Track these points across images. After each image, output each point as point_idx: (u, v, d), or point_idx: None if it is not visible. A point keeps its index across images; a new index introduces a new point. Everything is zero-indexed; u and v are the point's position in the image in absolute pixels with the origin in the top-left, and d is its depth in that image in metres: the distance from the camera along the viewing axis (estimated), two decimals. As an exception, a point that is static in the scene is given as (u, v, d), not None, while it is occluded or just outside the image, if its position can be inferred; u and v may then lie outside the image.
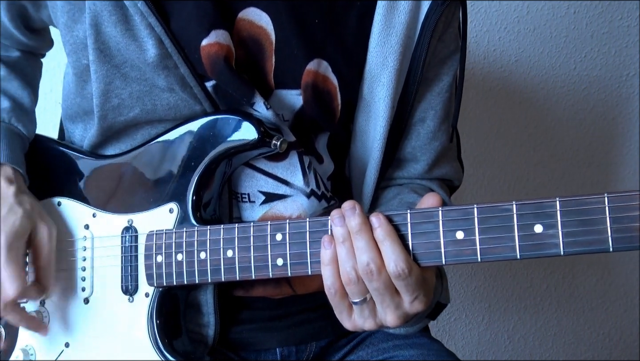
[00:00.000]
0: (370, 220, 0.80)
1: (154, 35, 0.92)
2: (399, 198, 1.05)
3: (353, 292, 0.81)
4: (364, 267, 0.78)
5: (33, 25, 1.08)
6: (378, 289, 0.79)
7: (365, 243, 0.79)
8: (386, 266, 0.78)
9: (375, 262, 0.78)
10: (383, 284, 0.78)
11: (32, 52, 1.13)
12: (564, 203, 0.73)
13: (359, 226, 0.79)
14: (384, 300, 0.80)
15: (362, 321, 0.83)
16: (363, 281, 0.79)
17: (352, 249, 0.80)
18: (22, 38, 1.08)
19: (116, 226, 0.98)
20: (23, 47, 1.11)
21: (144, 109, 0.96)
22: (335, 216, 0.81)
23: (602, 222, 0.72)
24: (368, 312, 0.82)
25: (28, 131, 1.05)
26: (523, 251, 0.75)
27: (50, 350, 1.01)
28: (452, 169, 1.11)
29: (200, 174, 0.94)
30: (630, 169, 2.02)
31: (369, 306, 0.81)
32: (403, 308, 0.80)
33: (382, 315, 0.81)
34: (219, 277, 0.90)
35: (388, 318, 0.81)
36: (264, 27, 0.96)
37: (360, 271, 0.79)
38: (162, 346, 0.94)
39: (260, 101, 0.94)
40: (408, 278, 0.78)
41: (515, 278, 2.04)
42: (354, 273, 0.79)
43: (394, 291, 0.79)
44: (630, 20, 1.92)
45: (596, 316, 2.10)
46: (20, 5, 1.02)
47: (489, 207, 0.77)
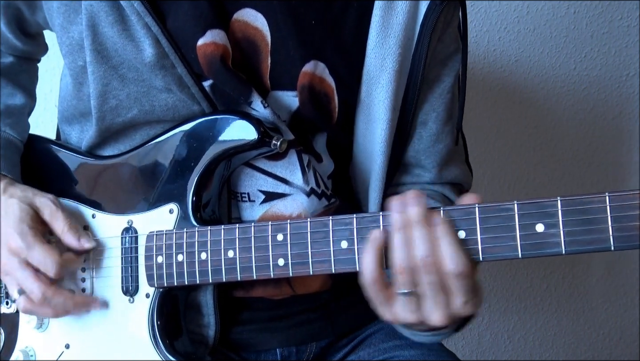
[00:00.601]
0: (431, 216, 0.78)
1: (151, 35, 0.91)
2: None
3: (404, 282, 0.79)
4: (423, 258, 0.77)
5: (29, 30, 1.08)
6: (434, 283, 0.77)
7: (426, 234, 0.77)
8: (446, 264, 0.77)
9: (435, 255, 0.77)
10: (440, 279, 0.77)
11: (27, 58, 1.13)
12: (565, 202, 0.74)
13: (422, 216, 0.78)
14: (438, 295, 0.78)
15: (405, 314, 0.80)
16: (416, 272, 0.78)
17: (410, 238, 0.78)
18: (17, 43, 1.08)
19: (116, 227, 0.98)
20: (18, 52, 1.10)
21: (142, 110, 0.96)
22: (395, 202, 0.79)
23: (604, 221, 0.72)
24: (414, 305, 0.79)
25: (19, 134, 1.05)
26: (524, 250, 0.75)
27: (50, 351, 1.00)
28: (461, 173, 1.10)
29: (200, 175, 0.94)
30: (630, 169, 2.02)
31: (416, 298, 0.79)
32: (454, 308, 0.79)
33: (429, 310, 0.79)
34: (220, 277, 0.90)
35: (435, 315, 0.79)
36: (259, 28, 0.96)
37: (419, 261, 0.77)
38: (164, 346, 0.94)
39: (258, 100, 0.94)
40: (468, 278, 0.77)
41: (515, 278, 2.03)
42: (408, 262, 0.78)
43: (448, 289, 0.78)
44: (630, 20, 1.92)
45: (596, 316, 2.09)
46: (16, 7, 1.02)
47: (490, 206, 0.77)
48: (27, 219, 0.94)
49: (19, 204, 0.95)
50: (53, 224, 0.96)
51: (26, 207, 0.95)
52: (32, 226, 0.94)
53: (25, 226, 0.93)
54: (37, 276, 0.93)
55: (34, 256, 0.93)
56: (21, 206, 0.95)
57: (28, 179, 1.03)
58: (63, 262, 0.93)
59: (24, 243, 0.93)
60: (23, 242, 0.93)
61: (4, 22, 1.04)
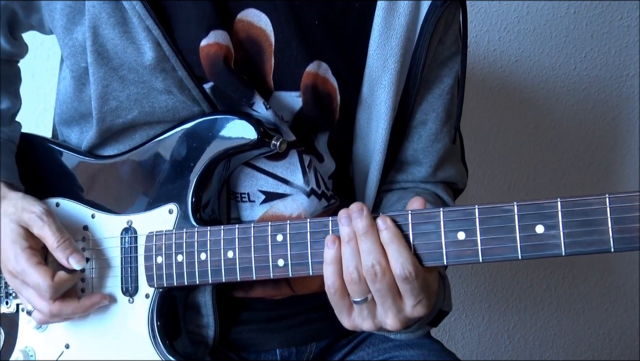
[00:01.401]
0: (377, 222, 0.80)
1: (152, 38, 0.91)
2: (403, 203, 1.04)
3: (355, 291, 0.81)
4: (368, 268, 0.79)
5: (18, 32, 1.07)
6: (380, 290, 0.79)
7: (371, 245, 0.79)
8: (392, 269, 0.78)
9: (380, 264, 0.78)
10: (386, 285, 0.79)
11: (9, 60, 1.11)
12: (565, 203, 0.74)
13: (366, 228, 0.79)
14: (386, 302, 0.80)
15: (361, 321, 0.83)
16: (365, 281, 0.80)
17: (357, 250, 0.80)
18: (5, 46, 1.06)
19: (115, 227, 0.98)
20: (3, 55, 1.08)
21: (142, 111, 0.95)
22: (342, 215, 0.81)
23: (604, 223, 0.72)
24: (367, 312, 0.82)
25: (8, 135, 1.05)
26: (524, 251, 0.75)
27: (50, 351, 1.00)
28: (456, 172, 1.10)
29: (199, 175, 0.94)
30: (630, 169, 2.02)
31: (369, 306, 0.81)
32: (404, 312, 0.81)
33: (382, 317, 0.81)
34: (219, 278, 0.90)
35: (388, 321, 0.81)
36: (263, 29, 0.96)
37: (364, 271, 0.79)
38: (163, 346, 0.94)
39: (260, 101, 0.94)
40: (414, 281, 0.78)
41: (515, 278, 2.03)
42: (356, 273, 0.80)
43: (397, 294, 0.80)
44: (630, 20, 1.92)
45: (596, 316, 2.09)
46: (12, 10, 1.01)
47: (490, 208, 0.77)
48: (19, 240, 0.93)
49: (9, 225, 0.94)
50: (44, 240, 0.95)
51: (16, 227, 0.94)
52: (24, 246, 0.93)
53: (17, 248, 0.93)
54: (40, 295, 0.93)
55: (28, 281, 0.93)
56: (11, 226, 0.94)
57: (28, 179, 1.02)
58: (56, 284, 0.92)
59: (18, 267, 0.92)
60: (17, 266, 0.92)
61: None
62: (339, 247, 0.81)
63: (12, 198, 0.97)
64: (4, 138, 1.04)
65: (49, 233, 0.93)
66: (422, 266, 0.79)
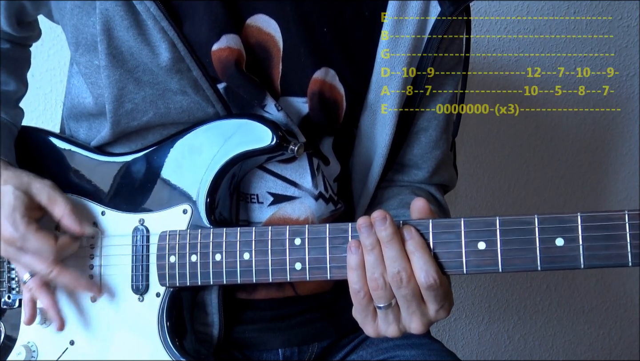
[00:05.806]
0: (402, 232, 0.81)
1: (167, 39, 0.91)
2: (400, 198, 1.05)
3: (380, 297, 0.82)
4: (394, 275, 0.80)
5: (27, 20, 1.07)
6: (406, 296, 0.80)
7: (396, 253, 0.80)
8: (417, 277, 0.80)
9: (406, 271, 0.80)
10: (411, 292, 0.80)
11: (21, 44, 1.12)
12: (585, 218, 0.75)
13: (390, 237, 0.80)
14: (410, 306, 0.81)
15: (385, 326, 0.83)
16: (390, 288, 0.81)
17: (381, 257, 0.81)
18: (12, 32, 1.06)
19: (126, 225, 0.97)
20: (12, 38, 1.09)
21: (157, 113, 0.95)
22: (362, 225, 0.81)
23: (622, 238, 0.73)
24: (392, 317, 0.83)
25: (12, 118, 1.05)
26: (544, 263, 0.77)
27: (53, 347, 1.00)
28: (449, 176, 1.13)
29: (215, 176, 0.93)
30: (630, 169, 2.02)
31: (394, 311, 0.82)
32: (428, 315, 0.82)
33: (407, 321, 0.82)
34: (234, 279, 0.90)
35: (413, 325, 0.82)
36: (272, 34, 0.96)
37: (389, 278, 0.80)
38: (173, 346, 0.94)
39: (272, 103, 0.94)
40: (438, 288, 0.79)
41: (515, 278, 2.04)
42: (382, 280, 0.81)
43: (421, 300, 0.81)
44: (630, 20, 1.92)
45: (596, 316, 2.10)
46: (20, 5, 1.02)
47: (511, 219, 0.78)
48: (21, 207, 0.92)
49: (13, 192, 0.92)
50: (52, 209, 0.94)
51: (20, 194, 0.92)
52: (24, 214, 0.91)
53: (17, 214, 0.91)
54: (40, 257, 0.92)
55: (29, 246, 0.91)
56: (15, 193, 0.92)
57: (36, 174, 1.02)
58: (59, 247, 0.92)
59: (17, 233, 0.91)
60: (16, 232, 0.91)
61: (5, 17, 1.03)
62: (362, 253, 0.82)
63: (15, 170, 0.96)
64: (7, 120, 1.03)
65: (60, 199, 0.93)
66: (443, 274, 0.80)
